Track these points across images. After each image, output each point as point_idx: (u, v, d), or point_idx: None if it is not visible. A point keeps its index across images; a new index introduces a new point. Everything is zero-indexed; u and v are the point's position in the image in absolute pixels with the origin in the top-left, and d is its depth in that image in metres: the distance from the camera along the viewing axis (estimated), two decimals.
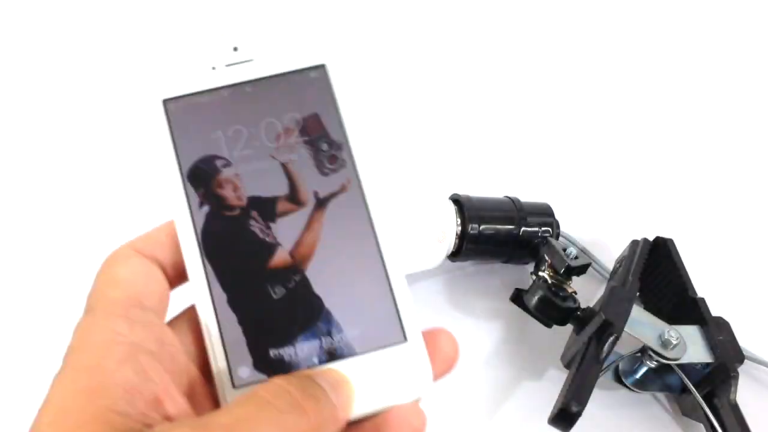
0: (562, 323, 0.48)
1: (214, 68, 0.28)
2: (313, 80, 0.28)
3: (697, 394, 0.45)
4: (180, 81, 0.28)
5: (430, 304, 0.54)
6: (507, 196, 0.53)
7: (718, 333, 0.47)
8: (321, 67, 0.28)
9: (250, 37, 0.28)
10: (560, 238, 0.54)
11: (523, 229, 0.51)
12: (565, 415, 0.42)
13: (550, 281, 0.47)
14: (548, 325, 0.48)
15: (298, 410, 0.23)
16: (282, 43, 0.28)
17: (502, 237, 0.51)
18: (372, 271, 0.27)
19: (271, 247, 0.27)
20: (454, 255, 0.51)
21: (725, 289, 0.55)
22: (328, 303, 0.27)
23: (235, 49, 0.28)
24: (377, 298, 0.27)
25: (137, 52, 0.25)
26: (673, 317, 0.48)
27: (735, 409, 0.44)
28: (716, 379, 0.46)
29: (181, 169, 0.27)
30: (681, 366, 0.46)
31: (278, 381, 0.24)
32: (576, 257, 0.47)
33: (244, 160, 0.27)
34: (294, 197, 0.28)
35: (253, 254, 0.27)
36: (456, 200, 0.51)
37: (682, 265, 0.51)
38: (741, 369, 0.46)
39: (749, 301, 0.55)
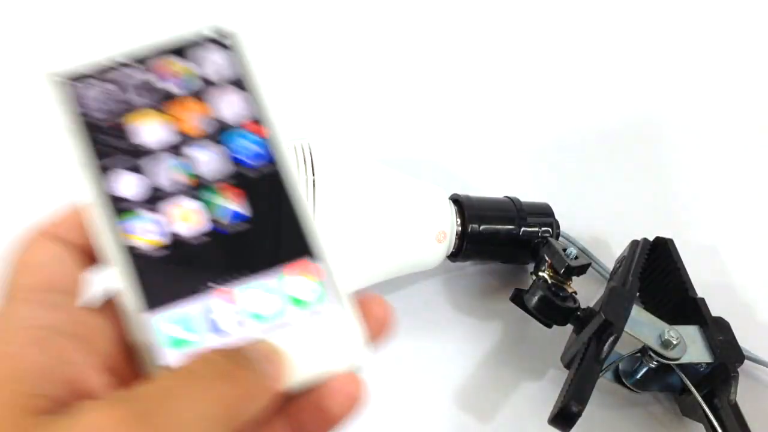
0: (562, 323, 0.48)
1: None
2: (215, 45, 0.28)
3: (697, 394, 0.45)
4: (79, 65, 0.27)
5: (430, 304, 0.54)
6: (507, 196, 0.53)
7: (718, 333, 0.47)
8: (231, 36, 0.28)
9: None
10: (560, 238, 0.54)
11: (523, 229, 0.51)
12: (565, 415, 0.42)
13: (550, 281, 0.47)
14: (548, 325, 0.48)
15: (226, 379, 0.23)
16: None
17: (502, 237, 0.51)
18: (296, 239, 0.27)
19: None
20: (454, 255, 0.51)
21: (725, 289, 0.55)
22: None
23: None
24: None
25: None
26: (673, 317, 0.48)
27: (735, 409, 0.44)
28: (716, 379, 0.46)
29: (84, 146, 0.26)
30: (681, 366, 0.46)
31: (205, 352, 0.24)
32: (576, 257, 0.47)
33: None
34: None
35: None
36: (456, 200, 0.51)
37: (682, 265, 0.51)
38: (741, 369, 0.46)
39: (749, 301, 0.55)
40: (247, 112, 0.27)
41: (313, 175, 0.45)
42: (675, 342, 0.45)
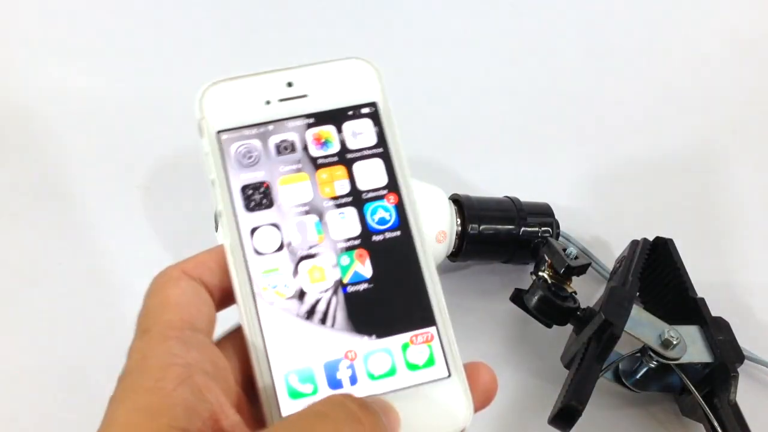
0: (562, 323, 0.48)
1: (268, 102, 0.29)
2: (363, 116, 0.30)
3: (697, 394, 0.45)
4: (234, 113, 0.29)
5: None
6: (507, 196, 0.53)
7: (718, 333, 0.47)
8: (372, 104, 0.30)
9: (305, 72, 0.29)
10: (560, 238, 0.54)
11: (523, 229, 0.51)
12: (565, 415, 0.42)
13: (550, 281, 0.47)
14: (548, 325, 0.48)
15: (355, 422, 0.24)
16: (335, 79, 0.30)
17: (502, 237, 0.51)
18: (421, 306, 0.28)
19: None
20: (454, 255, 0.51)
21: (725, 289, 0.55)
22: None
23: (290, 84, 0.29)
24: None
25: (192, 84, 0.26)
26: (673, 317, 0.48)
27: (735, 409, 0.44)
28: (716, 379, 0.46)
29: (231, 197, 0.28)
30: (681, 366, 0.46)
31: (333, 396, 0.25)
32: (576, 257, 0.47)
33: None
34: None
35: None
36: (456, 200, 0.51)
37: (682, 265, 0.51)
38: (741, 369, 0.46)
39: (749, 301, 0.55)
40: (381, 179, 0.29)
41: None
42: (675, 342, 0.45)
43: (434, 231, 0.49)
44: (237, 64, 0.65)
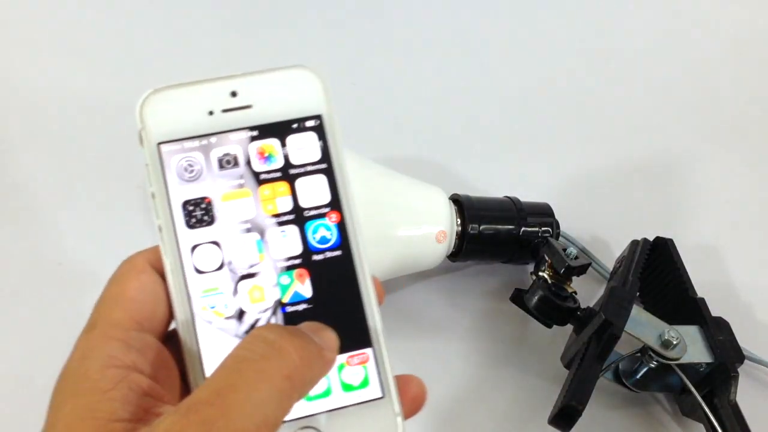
0: (562, 323, 0.48)
1: (211, 113, 0.28)
2: (308, 129, 0.29)
3: (697, 394, 0.45)
4: (176, 124, 0.28)
5: (430, 304, 0.53)
6: (507, 196, 0.53)
7: (718, 333, 0.47)
8: (317, 117, 0.29)
9: (250, 81, 0.28)
10: (560, 238, 0.54)
11: (523, 229, 0.51)
12: (565, 415, 0.42)
13: (550, 281, 0.47)
14: (548, 325, 0.48)
15: (280, 353, 0.23)
16: (280, 89, 0.28)
17: (502, 237, 0.51)
18: (358, 327, 0.28)
19: None
20: (454, 255, 0.51)
21: (725, 289, 0.55)
22: None
23: (234, 93, 0.28)
24: None
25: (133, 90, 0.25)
26: (673, 317, 0.48)
27: (735, 409, 0.44)
28: (716, 379, 0.46)
29: (171, 213, 0.27)
30: (681, 366, 0.46)
31: (254, 331, 0.24)
32: (576, 257, 0.47)
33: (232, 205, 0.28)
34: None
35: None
36: (456, 200, 0.51)
37: (682, 265, 0.51)
38: (741, 369, 0.46)
39: (749, 301, 0.55)
40: (324, 196, 0.28)
41: None
42: (675, 342, 0.45)
43: (434, 231, 0.49)
44: (235, 63, 0.65)
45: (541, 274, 0.48)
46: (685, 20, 0.75)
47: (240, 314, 0.27)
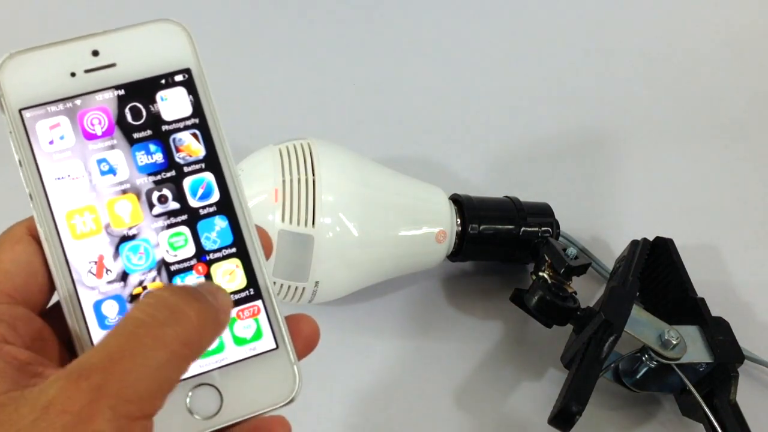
0: (562, 323, 0.48)
1: (73, 74, 0.27)
2: (177, 84, 0.28)
3: (697, 394, 0.45)
4: (37, 88, 0.27)
5: (430, 304, 0.53)
6: (507, 196, 0.53)
7: (718, 333, 0.47)
8: (186, 71, 0.28)
9: (111, 39, 0.27)
10: (560, 238, 0.54)
11: (523, 229, 0.51)
12: (565, 415, 0.42)
13: (550, 281, 0.47)
14: (548, 325, 0.48)
15: (178, 315, 0.23)
16: (144, 45, 0.27)
17: (502, 237, 0.51)
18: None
19: None
20: (454, 255, 0.51)
21: (725, 289, 0.55)
22: None
23: (95, 53, 0.27)
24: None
25: None
26: (673, 317, 0.48)
27: (735, 409, 0.44)
28: (716, 379, 0.46)
29: (42, 180, 0.27)
30: (681, 366, 0.46)
31: (150, 292, 0.24)
32: (576, 257, 0.47)
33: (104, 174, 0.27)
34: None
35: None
36: (456, 200, 0.51)
37: (682, 265, 0.51)
38: (741, 369, 0.46)
39: (749, 301, 0.55)
40: (199, 152, 0.28)
41: (313, 175, 0.45)
42: (675, 342, 0.45)
43: (434, 231, 0.49)
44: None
45: (541, 274, 0.48)
46: (687, 18, 0.75)
47: (123, 276, 0.27)
